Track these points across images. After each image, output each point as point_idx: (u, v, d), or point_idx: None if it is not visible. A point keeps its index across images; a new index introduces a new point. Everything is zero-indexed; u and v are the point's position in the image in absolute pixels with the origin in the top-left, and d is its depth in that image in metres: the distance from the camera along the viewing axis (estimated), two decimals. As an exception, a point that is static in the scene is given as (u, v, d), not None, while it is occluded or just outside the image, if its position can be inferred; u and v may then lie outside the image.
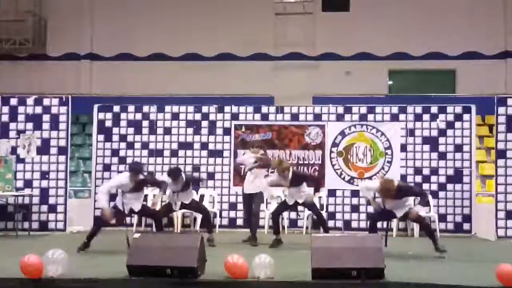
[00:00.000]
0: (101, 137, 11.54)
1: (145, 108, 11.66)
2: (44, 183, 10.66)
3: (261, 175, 9.36)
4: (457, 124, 11.11)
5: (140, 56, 18.16)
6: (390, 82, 18.18)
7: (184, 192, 8.98)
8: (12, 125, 10.79)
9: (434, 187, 11.02)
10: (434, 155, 11.10)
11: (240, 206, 10.87)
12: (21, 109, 10.87)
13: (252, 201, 9.24)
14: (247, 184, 9.28)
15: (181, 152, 11.42)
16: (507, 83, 17.17)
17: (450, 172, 11.02)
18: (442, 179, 11.03)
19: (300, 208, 10.78)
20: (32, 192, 10.51)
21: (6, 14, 17.91)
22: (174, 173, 8.91)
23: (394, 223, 10.43)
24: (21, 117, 10.84)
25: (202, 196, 11.20)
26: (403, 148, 11.16)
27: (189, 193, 9.15)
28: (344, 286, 5.86)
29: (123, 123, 11.58)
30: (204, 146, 11.49)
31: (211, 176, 11.38)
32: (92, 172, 11.58)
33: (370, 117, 11.31)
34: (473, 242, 10.15)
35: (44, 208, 10.62)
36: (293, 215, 10.94)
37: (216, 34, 17.72)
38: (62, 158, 10.73)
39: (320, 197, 10.97)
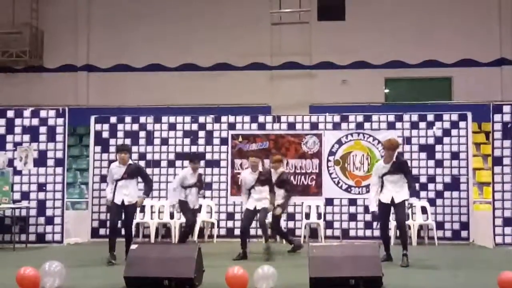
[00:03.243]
0: (98, 148, 11.55)
1: (142, 119, 11.67)
2: (41, 195, 10.63)
3: (265, 191, 8.94)
4: (454, 132, 11.14)
5: (136, 67, 18.20)
6: (387, 91, 18.23)
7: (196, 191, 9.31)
8: (9, 137, 10.78)
9: (432, 194, 11.03)
10: (431, 162, 11.12)
11: (237, 216, 10.80)
12: (18, 121, 10.85)
13: (254, 216, 8.90)
14: (252, 202, 8.71)
15: (178, 163, 11.39)
16: (502, 90, 17.24)
17: (447, 179, 11.04)
18: (439, 187, 11.04)
19: (298, 217, 10.97)
20: (29, 204, 10.48)
21: (3, 26, 17.95)
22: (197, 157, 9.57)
23: (392, 231, 10.42)
24: (18, 129, 10.82)
25: (200, 206, 11.17)
26: (400, 156, 11.16)
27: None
28: (342, 295, 5.85)
29: (120, 134, 11.59)
30: (201, 156, 11.48)
31: (208, 186, 11.36)
32: (89, 183, 11.57)
33: (367, 125, 11.33)
34: (471, 250, 10.15)
35: (42, 220, 10.59)
36: (290, 224, 10.97)
37: (213, 44, 17.77)
38: (59, 169, 10.70)
39: (317, 206, 11.00)
